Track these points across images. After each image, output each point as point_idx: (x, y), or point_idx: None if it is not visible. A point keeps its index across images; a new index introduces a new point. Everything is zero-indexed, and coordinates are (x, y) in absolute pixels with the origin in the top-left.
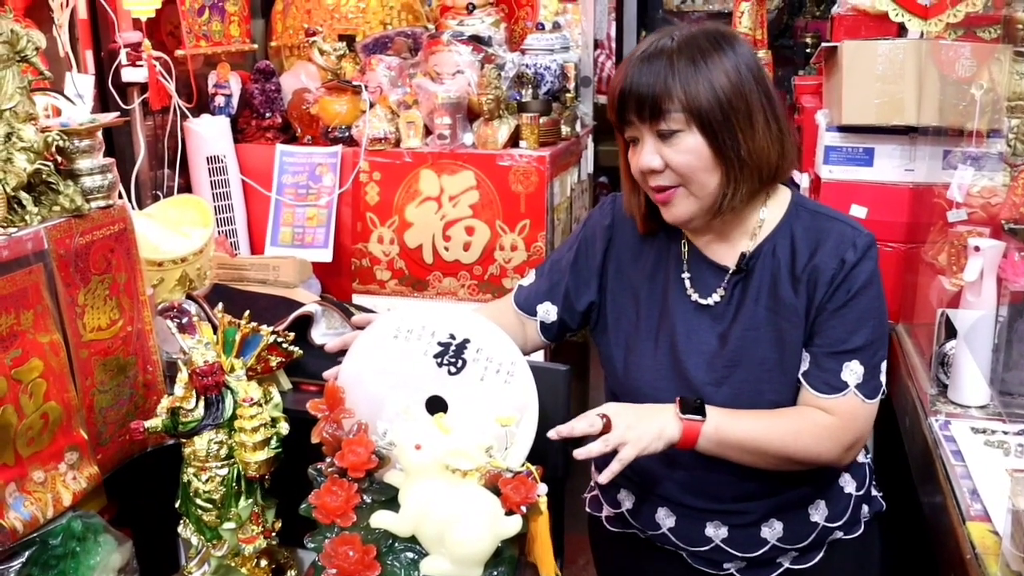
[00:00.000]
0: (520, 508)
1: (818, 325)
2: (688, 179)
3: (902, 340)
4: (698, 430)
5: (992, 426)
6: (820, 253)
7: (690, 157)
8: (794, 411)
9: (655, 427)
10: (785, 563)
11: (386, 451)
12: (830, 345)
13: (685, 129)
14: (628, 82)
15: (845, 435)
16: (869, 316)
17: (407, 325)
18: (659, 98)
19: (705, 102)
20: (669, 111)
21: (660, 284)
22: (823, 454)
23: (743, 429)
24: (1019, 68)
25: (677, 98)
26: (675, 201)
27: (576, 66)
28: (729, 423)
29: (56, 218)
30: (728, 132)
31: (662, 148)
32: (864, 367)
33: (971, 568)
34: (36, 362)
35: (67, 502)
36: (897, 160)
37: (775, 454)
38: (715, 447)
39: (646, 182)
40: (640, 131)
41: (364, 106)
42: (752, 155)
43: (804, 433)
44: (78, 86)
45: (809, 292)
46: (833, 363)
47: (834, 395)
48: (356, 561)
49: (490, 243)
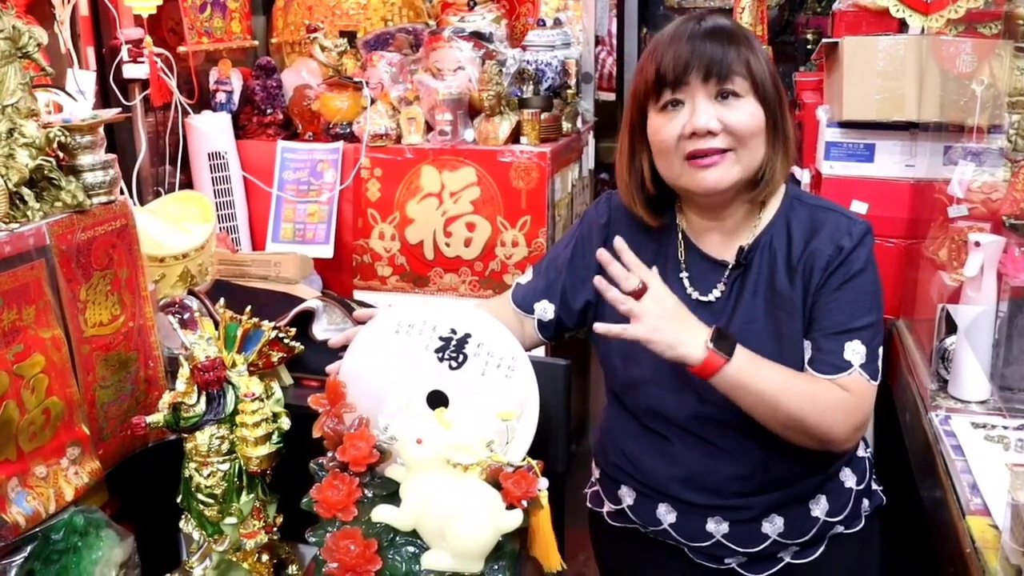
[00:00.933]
0: (521, 502)
1: (816, 310)
2: (742, 141)
3: (903, 335)
4: (719, 365)
5: (992, 421)
6: (815, 241)
7: (749, 119)
8: (813, 378)
9: (675, 336)
10: (786, 558)
11: (387, 446)
12: (830, 327)
13: (746, 95)
14: (695, 48)
15: (856, 413)
16: (867, 299)
17: (408, 320)
18: (730, 62)
19: (766, 75)
20: (736, 74)
21: None
22: (832, 427)
23: (764, 378)
24: (1020, 64)
25: (744, 64)
26: (721, 165)
27: (577, 62)
28: (751, 369)
29: (58, 214)
30: (778, 107)
31: (720, 110)
32: (865, 347)
33: (971, 562)
34: (38, 357)
35: (69, 497)
36: (898, 156)
37: (788, 413)
38: (729, 388)
39: (684, 148)
40: (694, 94)
41: (365, 102)
42: (788, 134)
43: (820, 400)
44: (79, 82)
45: (805, 280)
46: (834, 344)
47: (840, 374)
48: (357, 555)
49: (491, 239)
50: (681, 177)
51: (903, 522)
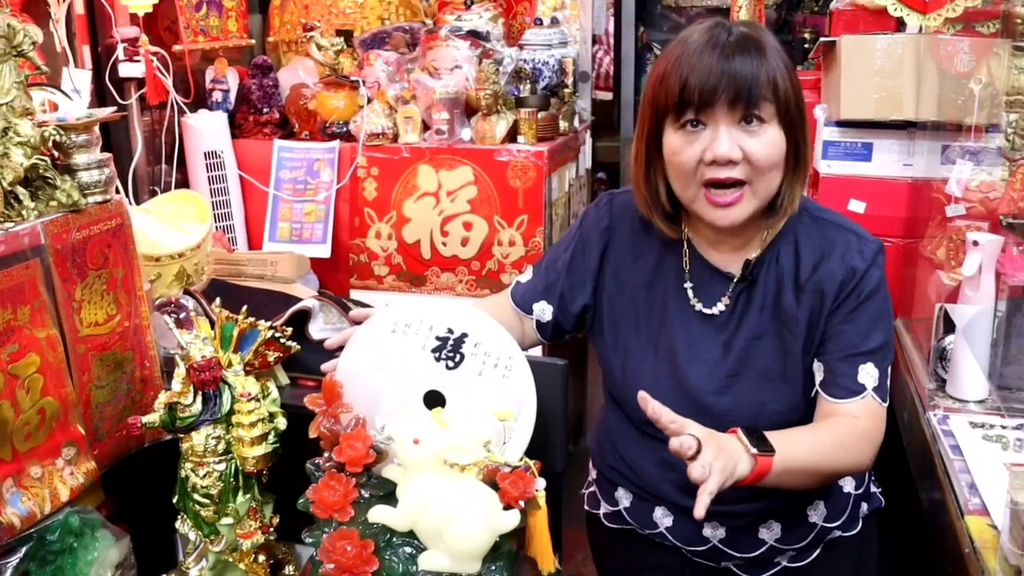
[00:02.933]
0: (518, 502)
1: (829, 332)
2: (760, 173)
3: (900, 335)
4: (769, 465)
5: (990, 420)
6: (826, 263)
7: (771, 150)
8: (830, 423)
9: (732, 463)
10: (783, 562)
11: (384, 446)
12: (843, 350)
13: (770, 121)
14: (723, 69)
15: (876, 439)
16: (879, 320)
17: (405, 319)
18: (760, 85)
19: (791, 96)
20: (763, 99)
21: (660, 292)
22: (863, 461)
23: (802, 452)
24: (1018, 63)
25: (772, 87)
26: (738, 205)
27: (574, 61)
28: (789, 450)
29: (53, 213)
30: (800, 130)
31: (742, 138)
32: (879, 371)
33: (969, 562)
34: (33, 357)
35: (64, 497)
36: (895, 155)
37: (830, 471)
38: (778, 478)
39: (703, 174)
40: (717, 118)
41: (362, 101)
42: (805, 156)
43: (848, 443)
44: (75, 81)
45: (814, 302)
46: (848, 367)
47: (854, 399)
48: (354, 556)
49: (488, 238)
50: (695, 203)
51: (902, 523)
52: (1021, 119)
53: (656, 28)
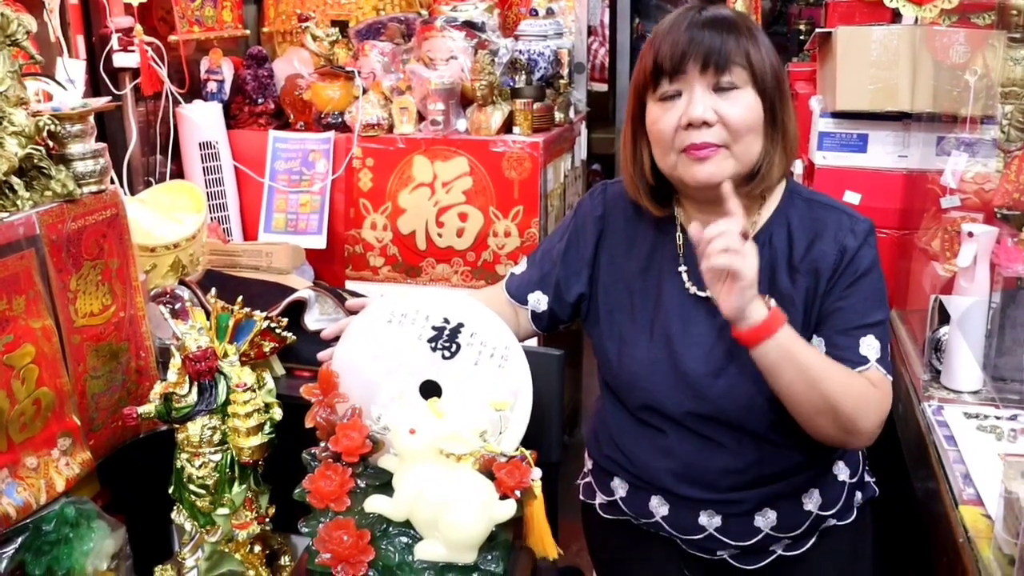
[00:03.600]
0: (514, 492)
1: (827, 309)
2: (738, 136)
3: (896, 326)
4: (779, 326)
5: (985, 411)
6: (819, 243)
7: (746, 112)
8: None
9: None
10: (778, 550)
11: (380, 436)
12: (843, 325)
13: (744, 87)
14: (693, 37)
15: (882, 408)
16: (875, 296)
17: (401, 309)
18: (729, 52)
19: (766, 66)
20: (735, 64)
21: (655, 276)
22: (861, 419)
23: (810, 353)
24: (1013, 54)
25: (743, 54)
26: (715, 159)
27: (570, 52)
28: (801, 340)
29: (48, 203)
30: (779, 100)
31: (717, 102)
32: (879, 342)
33: (964, 551)
34: (28, 348)
35: (60, 488)
36: (891, 146)
37: (826, 396)
38: (778, 353)
39: (682, 140)
40: (692, 84)
41: (357, 92)
42: (788, 128)
43: (856, 390)
44: (69, 71)
45: (809, 282)
46: (849, 340)
47: (859, 368)
48: (350, 546)
49: (483, 229)
50: (676, 168)
51: (896, 512)
52: (1016, 110)
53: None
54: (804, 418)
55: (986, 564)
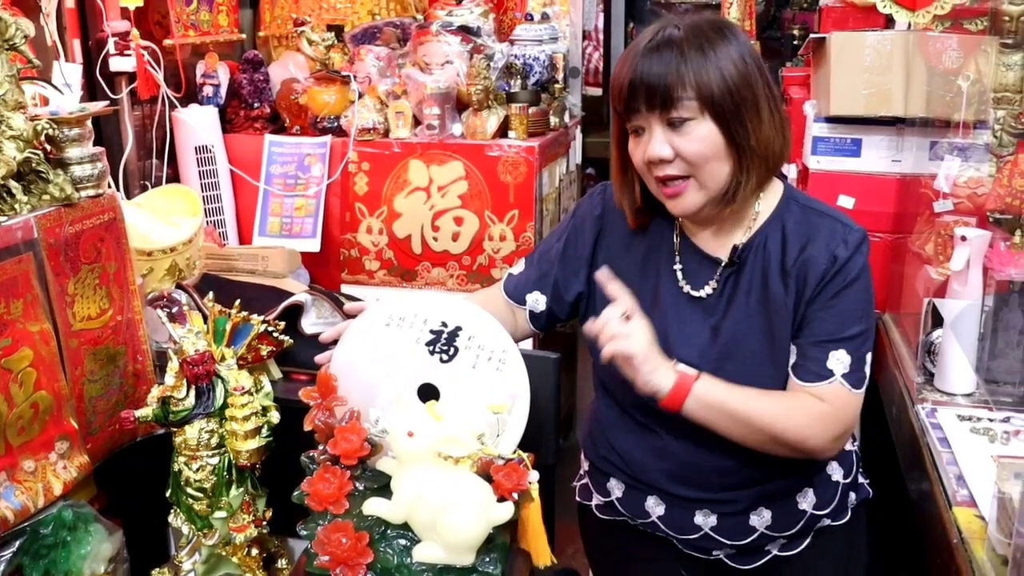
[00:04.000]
0: (512, 495)
1: (807, 318)
2: (698, 168)
3: (889, 329)
4: (690, 385)
5: (978, 413)
6: (810, 248)
7: (702, 146)
8: (788, 393)
9: (655, 362)
10: (773, 550)
11: (378, 439)
12: (818, 335)
13: (697, 117)
14: (638, 71)
15: (834, 424)
16: (857, 308)
17: (399, 313)
18: (671, 86)
19: (717, 90)
20: (682, 99)
21: (651, 275)
22: (810, 439)
23: (735, 397)
24: (1005, 60)
25: (690, 86)
26: (686, 194)
27: (564, 57)
28: (721, 388)
29: (46, 207)
30: (738, 120)
31: (672, 137)
32: (851, 357)
33: (958, 552)
34: (26, 351)
35: (58, 491)
36: (884, 151)
37: (763, 429)
38: (703, 409)
39: (651, 173)
40: (648, 121)
41: (353, 96)
42: (760, 143)
43: (795, 413)
44: (66, 75)
45: (798, 286)
46: (819, 352)
47: (820, 383)
48: (349, 548)
49: (479, 233)
50: (659, 196)
51: (890, 514)
52: (1008, 115)
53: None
54: (755, 449)
55: (980, 565)
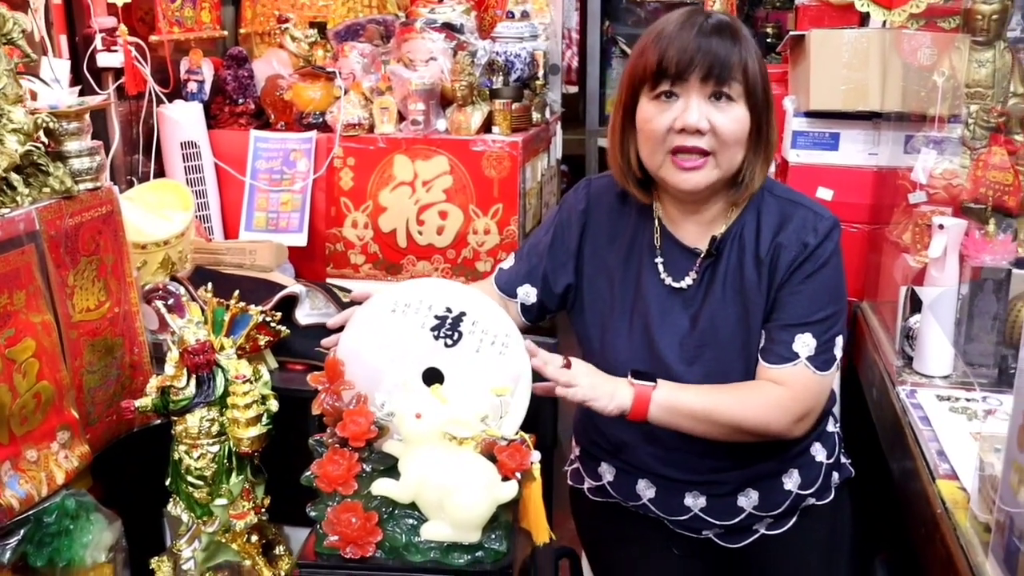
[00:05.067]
0: (515, 474)
1: (778, 302)
2: (724, 146)
3: (867, 317)
4: (649, 396)
5: (956, 394)
6: (783, 235)
7: (737, 126)
8: (745, 384)
9: (608, 388)
10: (761, 529)
11: (385, 422)
12: (786, 319)
13: (738, 100)
14: (700, 45)
15: (795, 406)
16: (824, 293)
17: (404, 299)
18: (732, 64)
19: (760, 81)
20: (734, 79)
21: (634, 267)
22: (771, 424)
23: (692, 398)
24: (977, 56)
25: (742, 69)
26: (702, 170)
27: (545, 54)
28: (678, 392)
29: (46, 199)
30: (765, 113)
31: (710, 111)
32: (816, 340)
33: (942, 522)
34: (29, 342)
35: (60, 480)
36: (861, 144)
37: (725, 423)
38: (666, 415)
39: (671, 142)
40: (689, 90)
41: (338, 92)
42: (770, 139)
43: (751, 403)
44: (55, 71)
45: (771, 272)
46: (785, 335)
47: (784, 365)
48: (359, 527)
49: (463, 227)
50: (662, 169)
51: (870, 493)
52: (981, 110)
53: (621, 22)
54: (725, 441)
55: (964, 532)
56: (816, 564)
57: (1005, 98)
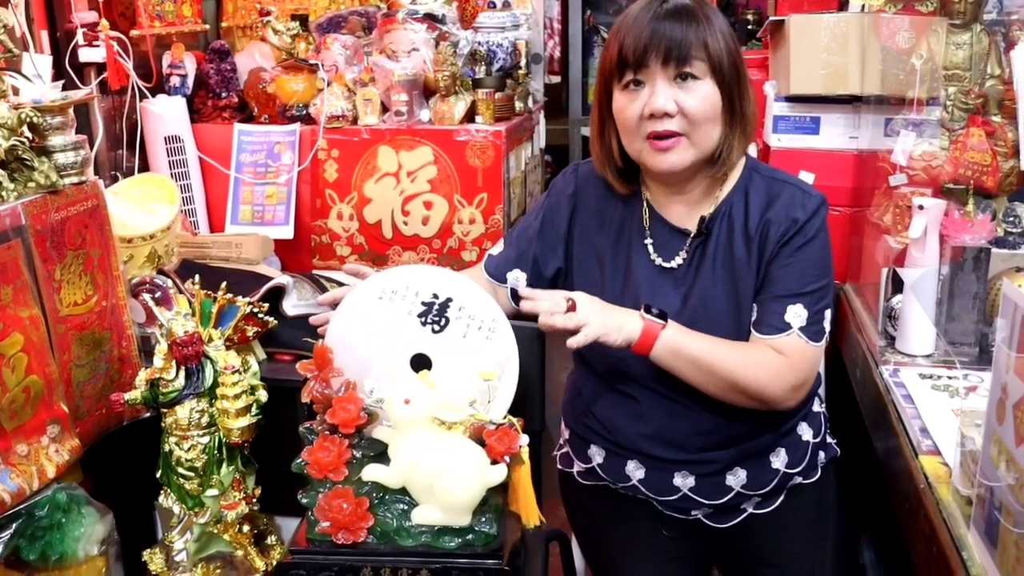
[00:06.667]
0: (504, 458)
1: (768, 276)
2: (696, 125)
3: (850, 298)
4: (657, 333)
5: (938, 372)
6: (771, 212)
7: (705, 104)
8: (750, 344)
9: (617, 320)
10: (749, 508)
11: (374, 408)
12: (777, 292)
13: (704, 78)
14: (657, 29)
15: (792, 374)
16: (814, 266)
17: (391, 286)
18: (689, 44)
19: (725, 56)
20: (694, 57)
21: (624, 249)
22: (768, 388)
23: (698, 344)
24: (954, 39)
25: (702, 47)
26: (677, 149)
27: (527, 44)
28: (686, 335)
29: (31, 194)
30: (736, 87)
31: (677, 93)
32: (808, 311)
33: (925, 496)
34: (17, 336)
35: (51, 474)
36: (842, 128)
37: (724, 377)
38: (669, 356)
39: (643, 129)
40: (653, 76)
41: (321, 84)
42: (747, 112)
43: (753, 363)
44: (36, 66)
45: (760, 247)
46: (778, 306)
47: (778, 335)
48: (350, 513)
49: (448, 217)
50: (641, 154)
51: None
52: (959, 92)
53: (602, 11)
54: (717, 397)
55: (946, 505)
56: (803, 543)
57: (982, 80)
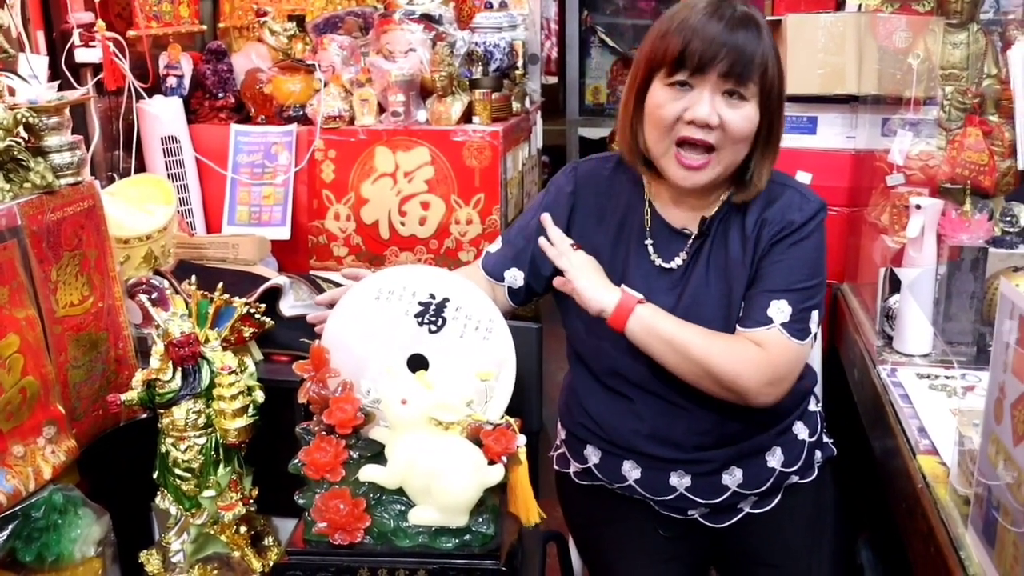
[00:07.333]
0: (501, 458)
1: (759, 273)
2: (731, 143)
3: (848, 298)
4: (632, 307)
5: (935, 371)
6: (769, 212)
7: (747, 124)
8: (728, 334)
9: (599, 289)
10: (745, 508)
11: (371, 409)
12: (763, 287)
13: (752, 100)
14: (727, 39)
15: (768, 369)
16: (803, 265)
17: (388, 287)
18: (751, 65)
19: (776, 84)
20: (752, 78)
21: (622, 250)
22: (741, 377)
23: (672, 326)
24: (951, 39)
25: (760, 70)
26: (703, 171)
27: (524, 44)
28: (661, 316)
29: (27, 195)
30: (775, 116)
31: (722, 107)
32: (792, 308)
33: (923, 496)
34: (13, 337)
35: (47, 475)
36: (839, 128)
37: (697, 360)
38: (643, 333)
39: (679, 131)
40: (704, 83)
41: (318, 85)
42: (776, 139)
43: (729, 352)
44: (32, 67)
45: (755, 246)
46: (762, 300)
47: (758, 328)
48: (347, 514)
49: (445, 217)
50: (663, 158)
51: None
52: (956, 91)
53: (600, 12)
54: (691, 383)
55: (944, 505)
56: (800, 543)
57: (979, 79)
